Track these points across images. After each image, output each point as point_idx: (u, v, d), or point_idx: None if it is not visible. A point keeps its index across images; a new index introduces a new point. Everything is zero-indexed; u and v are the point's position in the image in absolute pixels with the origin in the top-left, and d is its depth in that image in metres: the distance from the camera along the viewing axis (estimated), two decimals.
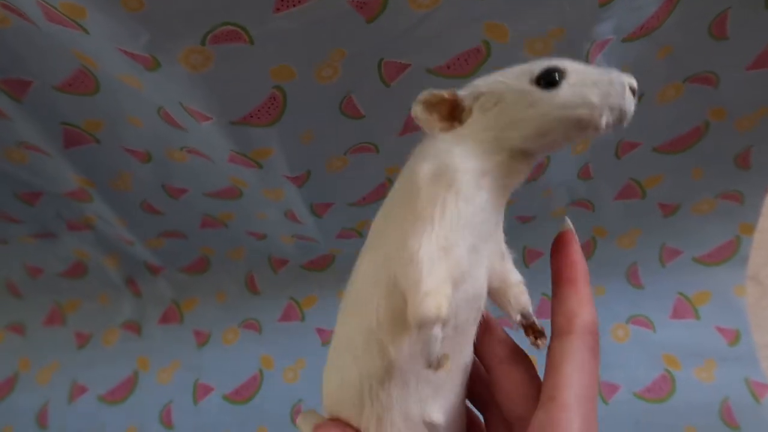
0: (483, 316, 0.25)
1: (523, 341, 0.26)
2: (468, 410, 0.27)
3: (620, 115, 0.20)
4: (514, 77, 0.22)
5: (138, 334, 0.60)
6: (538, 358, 0.25)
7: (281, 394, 0.55)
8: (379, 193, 0.49)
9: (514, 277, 0.25)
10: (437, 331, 0.20)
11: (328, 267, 0.61)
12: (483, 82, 0.22)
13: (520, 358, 0.25)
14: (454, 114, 0.23)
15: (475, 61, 0.38)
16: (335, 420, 0.25)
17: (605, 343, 0.57)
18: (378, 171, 0.47)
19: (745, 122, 0.48)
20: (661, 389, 0.53)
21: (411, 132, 0.42)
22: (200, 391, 0.56)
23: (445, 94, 0.22)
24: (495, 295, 0.25)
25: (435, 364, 0.21)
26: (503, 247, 0.25)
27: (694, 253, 0.57)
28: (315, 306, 0.60)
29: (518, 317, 0.25)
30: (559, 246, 0.25)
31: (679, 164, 0.51)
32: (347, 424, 0.24)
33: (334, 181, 0.46)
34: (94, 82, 0.39)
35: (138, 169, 0.47)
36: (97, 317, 0.60)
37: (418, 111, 0.23)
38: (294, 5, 0.32)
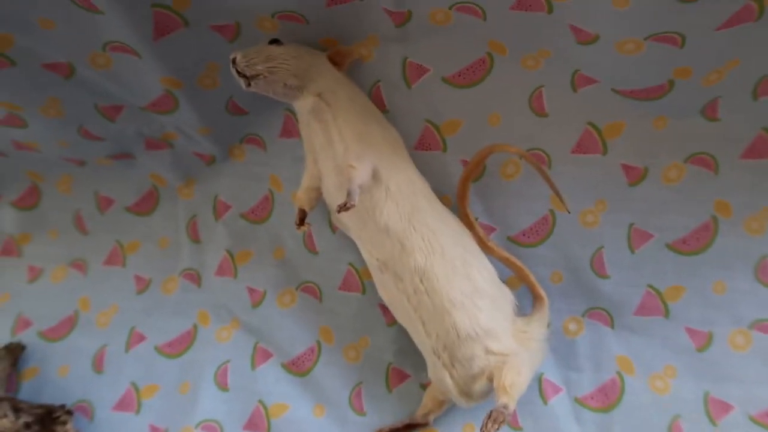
0: None
1: None
2: None
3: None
4: None
5: (198, 285, 0.56)
6: None
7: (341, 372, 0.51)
8: None
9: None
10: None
11: None
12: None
13: None
14: None
15: None
16: None
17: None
18: None
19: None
20: None
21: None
22: (259, 355, 0.52)
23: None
24: None
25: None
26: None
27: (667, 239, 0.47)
28: None
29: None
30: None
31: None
32: None
33: None
34: None
35: (223, 55, 0.43)
36: (157, 262, 0.57)
37: None
38: None
